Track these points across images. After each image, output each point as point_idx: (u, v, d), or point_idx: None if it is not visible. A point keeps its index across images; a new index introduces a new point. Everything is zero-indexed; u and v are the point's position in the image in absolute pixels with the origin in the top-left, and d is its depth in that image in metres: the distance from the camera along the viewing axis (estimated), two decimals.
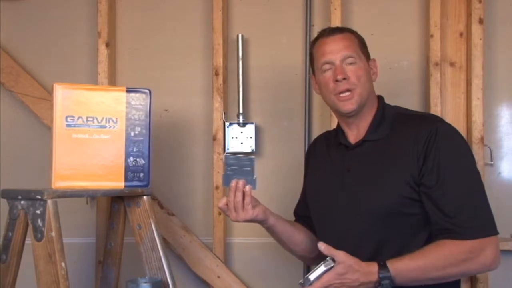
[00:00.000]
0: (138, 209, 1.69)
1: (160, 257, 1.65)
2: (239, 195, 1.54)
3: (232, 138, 2.10)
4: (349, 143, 1.60)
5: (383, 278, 1.38)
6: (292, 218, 1.81)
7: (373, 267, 1.39)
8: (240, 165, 1.57)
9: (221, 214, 2.05)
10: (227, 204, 1.57)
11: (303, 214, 1.76)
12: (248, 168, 1.57)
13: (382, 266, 1.39)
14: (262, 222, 1.61)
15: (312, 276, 1.38)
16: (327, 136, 1.75)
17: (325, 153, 1.68)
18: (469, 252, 1.40)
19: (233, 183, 1.55)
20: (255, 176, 1.57)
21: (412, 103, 2.02)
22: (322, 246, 1.39)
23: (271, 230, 1.66)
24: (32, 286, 1.48)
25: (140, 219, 1.68)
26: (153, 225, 1.67)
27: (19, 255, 1.55)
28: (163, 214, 2.12)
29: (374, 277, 1.39)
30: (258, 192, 1.58)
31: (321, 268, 1.39)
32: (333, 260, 1.39)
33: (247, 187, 1.55)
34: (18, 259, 1.55)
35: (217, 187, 2.08)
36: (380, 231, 1.48)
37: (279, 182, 2.11)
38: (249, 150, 2.09)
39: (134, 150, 1.64)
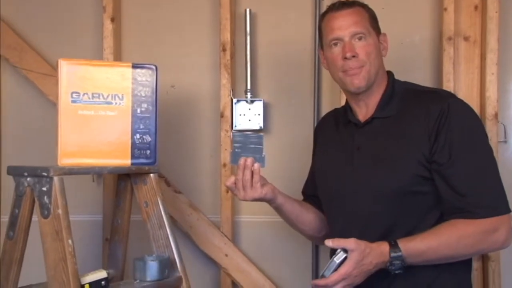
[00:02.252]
0: (144, 187, 1.69)
1: (167, 234, 1.66)
2: (247, 173, 1.54)
3: (240, 115, 2.09)
4: (358, 121, 1.58)
5: (394, 258, 1.38)
6: (301, 197, 1.81)
7: (384, 247, 1.39)
8: (248, 143, 1.57)
9: (229, 192, 2.05)
10: (235, 183, 1.56)
11: (312, 193, 1.76)
12: (257, 146, 1.56)
13: (393, 246, 1.39)
14: (270, 201, 1.61)
15: (327, 273, 1.36)
16: (335, 114, 1.74)
17: (333, 131, 1.67)
18: (482, 232, 1.40)
19: (241, 161, 1.54)
20: (263, 153, 1.56)
21: (424, 79, 2.00)
22: (329, 242, 1.37)
23: (279, 210, 1.66)
24: (39, 263, 1.49)
25: (147, 196, 1.69)
26: (160, 203, 1.67)
27: (26, 232, 1.56)
28: (170, 191, 2.13)
29: (386, 257, 1.38)
30: (265, 170, 1.57)
31: (334, 262, 1.36)
32: (345, 251, 1.36)
33: (256, 165, 1.54)
34: (25, 236, 1.56)
35: (224, 165, 2.08)
36: (391, 211, 1.47)
37: (287, 160, 2.11)
38: (257, 128, 2.08)
39: (141, 127, 1.64)
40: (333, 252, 1.42)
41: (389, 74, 1.61)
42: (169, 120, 2.14)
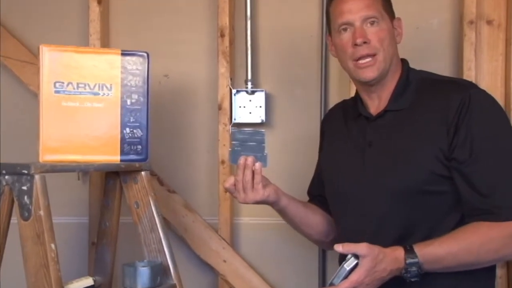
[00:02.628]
0: (135, 186, 1.69)
1: (160, 238, 1.66)
2: (248, 174, 1.53)
3: (240, 107, 2.09)
4: (369, 114, 1.58)
5: (410, 265, 1.37)
6: (306, 198, 1.80)
7: (399, 252, 1.38)
8: (248, 140, 1.56)
9: (228, 193, 2.04)
10: (234, 184, 1.56)
11: (318, 194, 1.75)
12: (258, 143, 1.56)
13: (409, 251, 1.38)
14: (273, 203, 1.61)
15: (337, 280, 1.34)
16: (344, 106, 1.73)
17: (342, 126, 1.67)
18: (507, 236, 1.39)
19: (241, 160, 1.54)
20: (266, 152, 1.55)
21: (442, 68, 1.99)
22: (339, 247, 1.36)
23: (282, 212, 1.66)
24: (19, 269, 1.48)
25: (138, 196, 1.68)
26: (152, 203, 1.67)
27: (4, 236, 1.56)
28: (163, 191, 2.12)
29: (401, 263, 1.38)
30: (267, 170, 1.57)
31: (344, 269, 1.35)
32: (356, 257, 1.35)
33: (257, 165, 1.54)
34: (3, 240, 1.56)
35: (222, 162, 2.08)
36: (406, 213, 1.47)
37: (291, 158, 2.10)
38: (259, 121, 2.08)
39: (131, 120, 1.64)
40: (342, 258, 1.41)
41: (404, 62, 1.61)
42: (162, 113, 2.13)
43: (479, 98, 1.47)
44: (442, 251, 1.39)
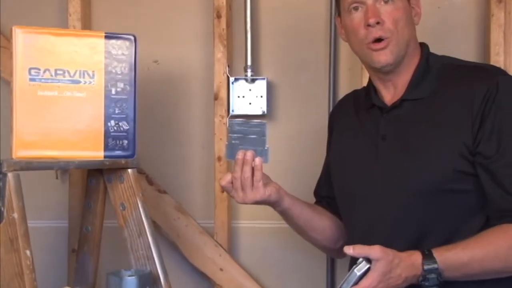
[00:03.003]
0: (121, 185, 1.69)
1: (149, 244, 1.66)
2: (247, 170, 1.53)
3: (238, 97, 2.09)
4: (384, 104, 1.58)
5: (429, 271, 1.37)
6: (312, 199, 1.80)
7: (416, 257, 1.38)
8: (248, 133, 1.56)
9: (225, 192, 2.04)
10: (232, 182, 1.56)
11: (326, 194, 1.76)
12: (258, 136, 1.56)
13: (427, 256, 1.38)
14: (275, 204, 1.61)
15: (346, 286, 1.34)
16: (355, 96, 1.74)
17: (353, 117, 1.67)
18: None
19: (239, 155, 1.54)
20: (266, 146, 1.55)
21: (466, 52, 1.99)
22: (349, 249, 1.36)
23: (285, 214, 1.66)
24: None
25: (124, 197, 1.69)
26: (140, 205, 1.67)
27: None
28: (153, 191, 2.13)
29: (418, 269, 1.38)
30: (269, 166, 1.57)
31: (354, 274, 1.34)
32: (368, 261, 1.35)
33: (257, 160, 1.53)
34: None
35: (219, 158, 2.08)
36: (424, 215, 1.47)
37: (296, 153, 2.11)
38: (259, 113, 2.08)
39: (116, 111, 1.64)
40: (353, 263, 1.41)
41: (423, 46, 1.60)
42: (152, 103, 2.13)
43: (507, 85, 1.46)
44: (465, 256, 1.38)
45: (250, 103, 2.09)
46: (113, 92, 1.64)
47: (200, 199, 2.16)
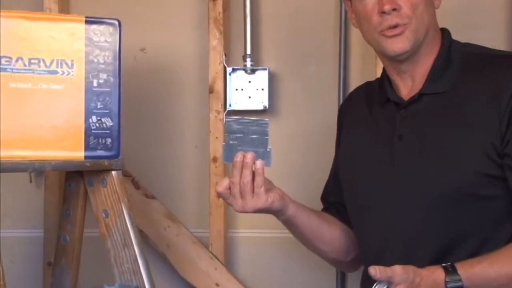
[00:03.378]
0: (104, 189, 1.69)
1: (135, 256, 1.66)
2: (247, 175, 1.52)
3: (237, 90, 2.10)
4: (400, 99, 1.58)
5: None
6: (320, 206, 1.81)
7: (439, 274, 1.38)
8: (248, 131, 1.55)
9: (221, 199, 2.05)
10: (229, 188, 1.55)
11: (335, 200, 1.76)
12: (260, 136, 1.55)
13: (451, 272, 1.37)
14: (278, 212, 1.60)
15: None
16: (368, 89, 1.74)
17: (365, 113, 1.67)
18: None
19: (238, 157, 1.53)
20: (269, 147, 1.55)
21: (495, 39, 1.99)
22: (372, 270, 1.34)
23: (290, 223, 1.66)
24: None
25: (107, 203, 1.69)
26: (125, 212, 1.67)
27: None
28: (140, 196, 2.14)
29: (441, 287, 1.38)
30: (271, 169, 1.56)
31: None
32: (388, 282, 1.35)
33: (258, 163, 1.53)
34: None
35: (214, 159, 2.08)
36: (447, 225, 1.47)
37: (301, 154, 2.12)
38: (260, 108, 2.09)
39: (98, 106, 1.64)
40: (365, 278, 1.41)
41: (444, 33, 1.60)
42: (138, 97, 2.14)
43: None
44: (492, 272, 1.39)
45: (249, 97, 2.09)
46: (95, 84, 1.64)
47: (193, 205, 2.17)
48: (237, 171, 1.53)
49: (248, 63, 2.09)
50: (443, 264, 1.40)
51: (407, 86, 1.59)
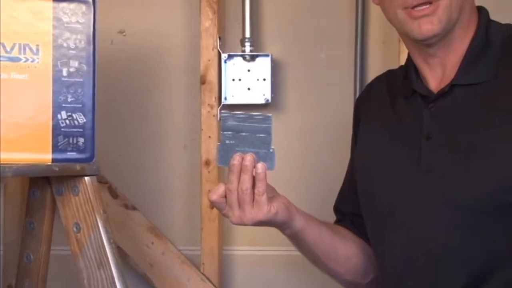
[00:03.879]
0: (75, 199, 1.68)
1: (113, 277, 1.65)
2: (246, 180, 1.52)
3: (233, 80, 2.11)
4: (428, 91, 1.58)
5: None
6: (332, 217, 1.80)
7: None
8: (247, 129, 1.55)
9: (215, 209, 2.05)
10: (225, 196, 1.55)
11: (351, 211, 1.75)
12: (261, 134, 1.55)
13: None
14: (283, 225, 1.59)
15: None
16: (390, 79, 1.74)
17: (387, 108, 1.67)
18: None
19: (236, 160, 1.52)
20: (272, 147, 1.54)
21: None
22: None
23: (297, 239, 1.65)
24: None
25: (79, 215, 1.68)
26: (100, 225, 1.66)
27: None
28: (118, 207, 2.14)
29: None
30: (274, 173, 1.56)
31: None
32: None
33: (260, 167, 1.52)
34: None
35: (207, 163, 2.09)
36: (485, 240, 1.46)
37: (310, 156, 2.13)
38: (262, 102, 2.10)
39: (69, 99, 1.63)
40: None
41: (481, 12, 1.60)
42: (116, 89, 2.15)
43: None
44: None
45: (248, 89, 2.10)
46: (65, 73, 1.63)
47: (181, 217, 2.18)
48: (234, 176, 1.53)
49: (247, 48, 2.10)
50: None
51: (437, 76, 1.58)
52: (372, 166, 1.66)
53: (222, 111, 1.83)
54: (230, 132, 1.55)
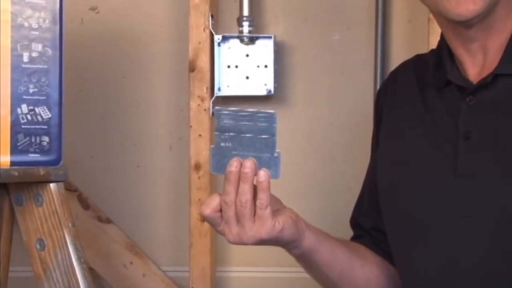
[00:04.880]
0: (38, 210, 1.68)
1: None
2: (246, 190, 1.50)
3: (229, 67, 2.11)
4: (466, 82, 1.57)
5: None
6: (348, 233, 1.80)
7: None
8: (245, 129, 1.54)
9: (206, 222, 2.05)
10: (220, 210, 1.54)
11: (372, 225, 1.75)
12: (263, 135, 1.54)
13: None
14: (290, 244, 1.58)
15: None
16: (419, 65, 1.73)
17: (415, 100, 1.66)
18: None
19: (233, 166, 1.51)
20: (277, 150, 1.53)
21: None
22: None
23: (307, 260, 1.64)
24: None
25: (43, 229, 1.68)
26: (68, 242, 1.66)
27: None
28: (90, 219, 2.16)
29: None
30: (281, 182, 1.54)
31: None
32: None
33: (262, 174, 1.51)
34: None
35: (197, 166, 2.09)
36: None
37: (322, 159, 2.13)
38: (263, 93, 2.11)
39: (30, 90, 1.63)
40: None
41: None
42: (87, 77, 2.16)
43: None
44: None
45: (247, 78, 2.11)
46: (25, 58, 1.63)
47: (166, 232, 2.19)
48: (231, 186, 1.51)
49: (246, 28, 2.10)
50: None
51: (477, 63, 1.58)
52: (397, 168, 1.65)
53: (216, 107, 1.82)
54: (225, 133, 1.54)
